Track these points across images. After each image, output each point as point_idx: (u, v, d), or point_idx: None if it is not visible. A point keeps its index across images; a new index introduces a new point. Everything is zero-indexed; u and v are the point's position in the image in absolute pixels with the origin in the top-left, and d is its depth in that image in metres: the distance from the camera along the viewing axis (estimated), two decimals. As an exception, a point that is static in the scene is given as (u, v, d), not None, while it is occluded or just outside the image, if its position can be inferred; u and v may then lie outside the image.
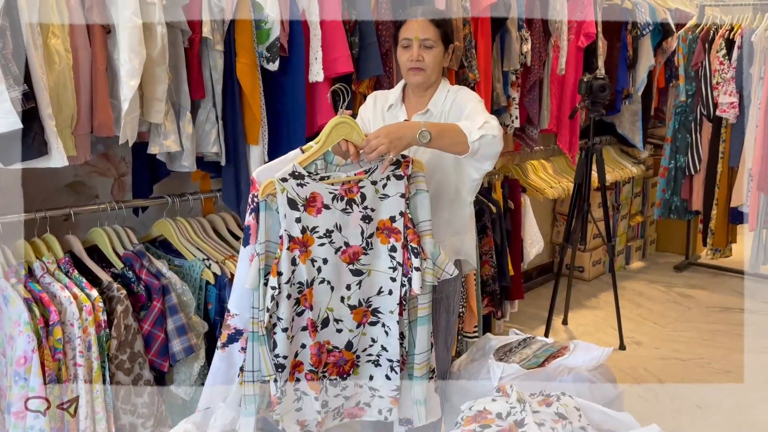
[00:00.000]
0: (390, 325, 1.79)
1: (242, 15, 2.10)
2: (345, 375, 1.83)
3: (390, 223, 1.76)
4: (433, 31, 1.89)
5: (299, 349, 1.78)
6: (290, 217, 1.69)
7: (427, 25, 1.89)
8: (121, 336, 1.96)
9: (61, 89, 1.78)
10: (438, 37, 1.90)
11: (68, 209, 2.07)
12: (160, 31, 1.90)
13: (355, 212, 1.74)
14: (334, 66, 2.31)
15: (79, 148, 1.89)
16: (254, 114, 2.20)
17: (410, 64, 1.90)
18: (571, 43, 3.51)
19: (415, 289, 1.75)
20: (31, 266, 1.95)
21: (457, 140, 1.74)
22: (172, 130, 2.03)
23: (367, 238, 1.76)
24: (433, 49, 1.90)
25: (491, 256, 3.22)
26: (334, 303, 1.77)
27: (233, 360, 1.84)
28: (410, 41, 1.90)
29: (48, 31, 1.74)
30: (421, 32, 1.88)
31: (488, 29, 2.94)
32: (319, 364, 1.78)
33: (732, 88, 4.06)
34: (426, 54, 1.89)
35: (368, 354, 1.84)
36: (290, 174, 1.70)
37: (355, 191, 1.74)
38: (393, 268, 1.77)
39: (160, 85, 1.94)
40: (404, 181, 1.76)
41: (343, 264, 1.76)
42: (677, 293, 4.32)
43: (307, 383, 1.79)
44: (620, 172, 4.33)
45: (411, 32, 1.89)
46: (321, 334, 1.78)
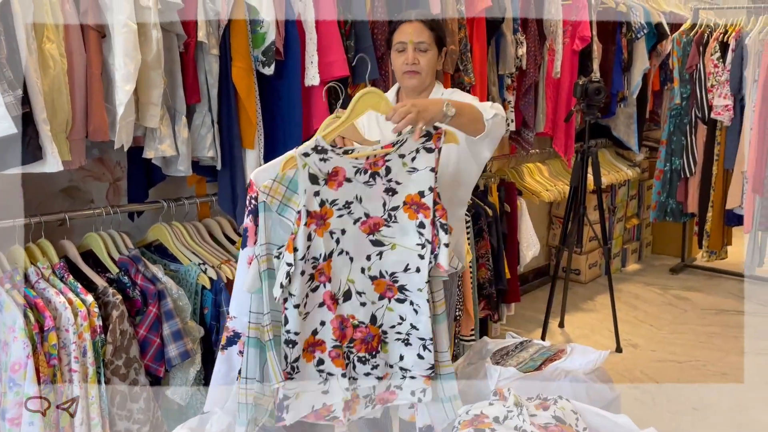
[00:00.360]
0: (419, 303, 1.74)
1: (238, 19, 2.10)
2: (374, 352, 1.77)
3: (419, 198, 1.71)
4: (427, 34, 1.89)
5: (318, 327, 1.73)
6: (309, 191, 1.64)
7: (422, 29, 1.89)
8: (117, 341, 1.95)
9: (56, 94, 1.77)
10: (432, 41, 1.91)
11: (63, 214, 2.06)
12: (156, 36, 1.89)
13: (378, 184, 1.69)
14: (330, 70, 2.30)
15: (74, 153, 1.88)
16: (250, 118, 2.20)
17: (405, 68, 1.91)
18: (567, 47, 3.52)
19: (443, 264, 1.70)
20: (26, 272, 1.94)
21: (476, 117, 1.74)
22: (168, 135, 2.02)
23: (389, 210, 1.72)
24: (427, 52, 1.90)
25: (488, 259, 3.22)
26: (355, 274, 1.73)
27: (232, 362, 1.83)
28: (405, 45, 1.90)
29: (43, 35, 1.74)
30: (415, 36, 1.88)
31: (483, 33, 2.94)
32: (344, 338, 1.74)
33: (726, 91, 4.07)
34: (421, 57, 1.89)
35: (397, 332, 1.78)
36: (312, 148, 1.64)
37: (380, 164, 1.69)
38: (422, 245, 1.71)
39: (155, 89, 1.94)
40: (435, 154, 1.69)
41: (362, 234, 1.71)
42: (673, 295, 4.33)
43: (332, 361, 1.74)
44: (616, 175, 4.34)
45: (405, 36, 1.89)
46: (343, 307, 1.73)
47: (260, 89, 2.22)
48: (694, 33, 4.21)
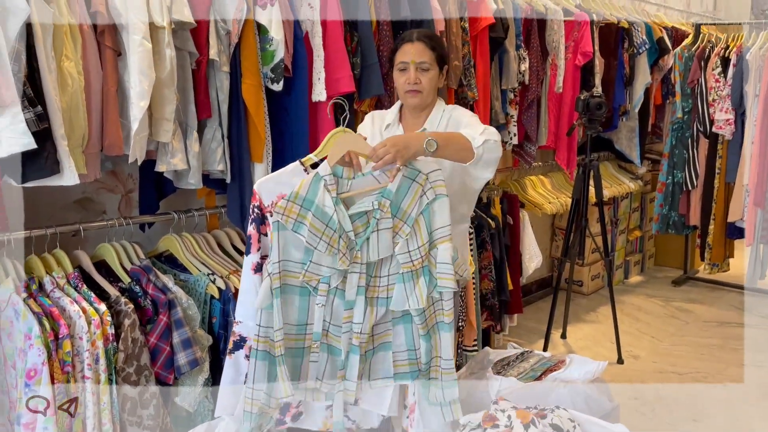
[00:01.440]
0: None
1: (248, 37, 2.17)
2: None
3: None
4: (428, 54, 1.96)
5: None
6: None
7: (423, 49, 1.96)
8: (128, 349, 2.01)
9: (74, 110, 1.84)
10: (433, 60, 1.97)
11: (77, 225, 2.13)
12: (169, 54, 1.97)
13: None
14: (337, 86, 2.37)
15: (89, 167, 1.96)
16: (259, 133, 2.26)
17: (407, 87, 1.97)
18: (569, 62, 3.58)
19: None
20: (41, 281, 2.01)
21: (463, 147, 1.79)
22: (180, 149, 2.09)
23: None
24: (429, 71, 1.97)
25: (490, 270, 3.27)
26: None
27: (240, 367, 1.89)
28: (407, 64, 1.96)
29: (61, 54, 1.81)
30: (417, 56, 1.95)
31: (487, 49, 3.01)
32: None
33: (728, 105, 4.13)
34: (422, 76, 1.96)
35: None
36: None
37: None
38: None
39: (168, 105, 2.01)
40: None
41: None
42: (675, 308, 4.36)
43: None
44: (618, 188, 4.38)
45: (407, 56, 1.96)
46: None
47: (269, 105, 2.29)
48: (696, 48, 4.27)
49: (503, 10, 3.05)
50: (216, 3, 2.10)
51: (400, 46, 2.00)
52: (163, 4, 1.94)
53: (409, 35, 2.01)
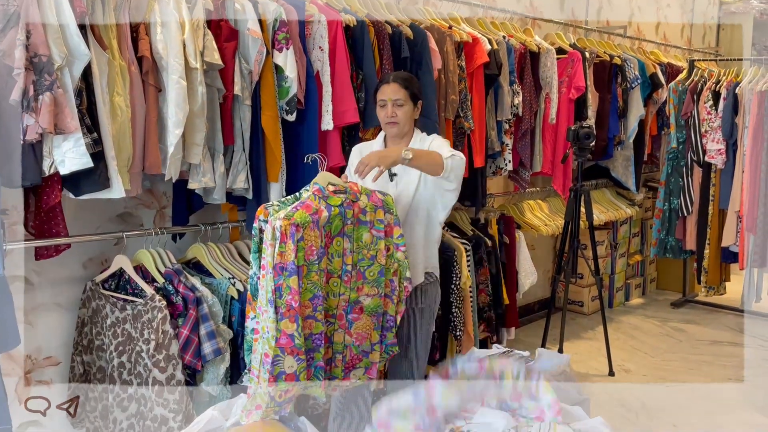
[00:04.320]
0: None
1: (266, 76, 2.54)
2: None
3: None
4: (402, 92, 2.34)
5: None
6: None
7: (398, 88, 2.34)
8: (159, 339, 2.35)
9: (122, 136, 2.22)
10: (407, 97, 2.35)
11: (121, 233, 2.50)
12: (201, 91, 2.35)
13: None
14: (344, 117, 2.74)
15: (132, 183, 2.33)
16: (275, 156, 2.62)
17: (386, 119, 2.36)
18: (563, 96, 3.90)
19: None
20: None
21: (433, 161, 2.20)
22: (209, 169, 2.46)
23: None
24: (403, 106, 2.35)
25: (487, 285, 3.56)
26: None
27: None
28: (385, 102, 2.36)
29: (114, 90, 2.20)
30: (392, 94, 2.34)
31: (482, 84, 3.35)
32: None
33: (719, 136, 4.39)
34: (398, 111, 2.34)
35: None
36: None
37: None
38: None
39: (199, 133, 2.38)
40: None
41: None
42: (671, 327, 4.57)
43: None
44: (615, 213, 4.65)
45: (385, 95, 2.36)
46: None
47: (284, 133, 2.65)
48: (690, 82, 4.56)
49: (497, 51, 3.40)
50: (240, 47, 2.49)
51: (379, 87, 2.39)
52: (197, 49, 2.33)
53: (386, 77, 2.40)
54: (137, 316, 2.40)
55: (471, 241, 3.45)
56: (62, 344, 2.59)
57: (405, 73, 2.52)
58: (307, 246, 2.07)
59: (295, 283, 2.03)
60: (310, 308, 2.11)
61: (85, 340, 2.53)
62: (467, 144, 3.31)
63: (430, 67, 3.00)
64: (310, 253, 2.08)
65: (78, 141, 2.04)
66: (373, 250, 2.21)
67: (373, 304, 2.24)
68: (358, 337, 2.23)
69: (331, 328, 2.21)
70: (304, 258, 2.07)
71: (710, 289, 4.60)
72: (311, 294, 2.11)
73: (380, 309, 2.26)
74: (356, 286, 2.21)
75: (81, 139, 2.05)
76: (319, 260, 2.10)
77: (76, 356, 2.53)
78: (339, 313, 2.21)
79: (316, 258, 2.08)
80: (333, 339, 2.22)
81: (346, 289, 2.20)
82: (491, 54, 3.34)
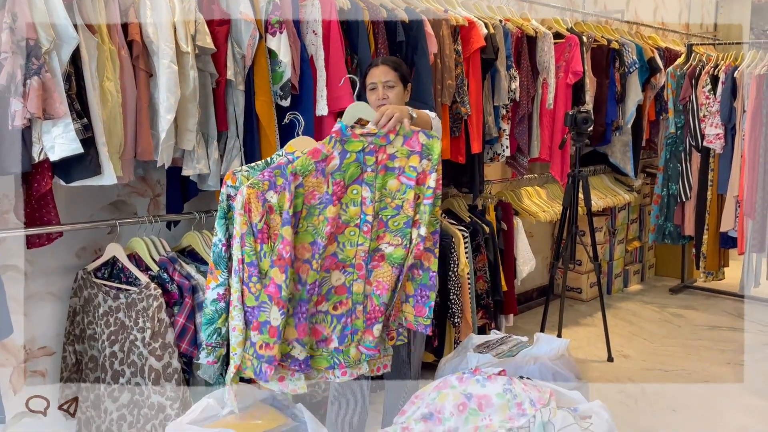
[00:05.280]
0: None
1: (260, 61, 2.51)
2: None
3: None
4: (392, 74, 2.32)
5: None
6: None
7: (387, 70, 2.32)
8: (155, 327, 2.33)
9: (112, 122, 2.19)
10: (397, 79, 2.33)
11: (114, 221, 2.47)
12: (192, 75, 2.31)
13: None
14: (339, 102, 2.70)
15: (124, 170, 2.30)
16: (270, 142, 2.59)
17: (377, 102, 2.33)
18: (560, 81, 3.87)
19: None
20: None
21: (426, 122, 2.23)
22: (203, 156, 2.43)
23: None
24: (394, 88, 2.33)
25: (485, 272, 3.54)
26: None
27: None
28: (375, 84, 2.34)
29: (103, 75, 2.16)
30: (383, 77, 2.32)
31: (479, 69, 3.32)
32: None
33: (717, 121, 4.36)
34: (389, 93, 2.32)
35: None
36: None
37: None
38: None
39: (191, 118, 2.35)
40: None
41: None
42: (670, 313, 4.56)
43: None
44: (613, 199, 4.62)
45: (375, 77, 2.34)
46: None
47: (278, 118, 2.62)
48: (688, 67, 4.53)
49: (494, 35, 3.36)
50: (233, 31, 2.45)
51: (369, 70, 2.37)
52: (188, 33, 2.29)
53: (375, 61, 2.38)
54: (131, 305, 2.37)
55: (469, 227, 3.43)
56: (56, 334, 2.56)
57: (393, 57, 2.50)
58: (308, 192, 1.98)
59: (288, 233, 1.95)
60: (309, 253, 2.02)
61: (77, 329, 2.50)
62: (464, 130, 3.28)
63: (426, 51, 2.96)
64: (311, 197, 1.99)
65: (67, 126, 2.01)
66: (399, 200, 2.07)
67: (396, 253, 2.09)
68: (378, 286, 2.09)
69: (350, 278, 2.09)
70: (304, 202, 1.98)
71: (709, 274, 4.59)
72: (312, 238, 2.02)
73: (402, 260, 2.10)
74: (377, 235, 2.09)
75: (70, 124, 2.01)
76: (325, 206, 2.01)
77: (68, 346, 2.51)
78: (358, 263, 2.09)
79: (318, 202, 2.00)
80: (352, 289, 2.10)
81: (365, 239, 2.07)
82: (488, 38, 3.30)
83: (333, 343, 2.09)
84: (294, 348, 2.04)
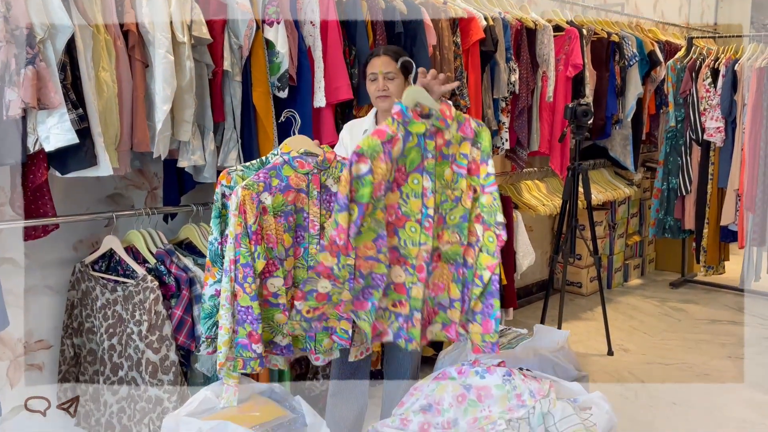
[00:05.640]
0: None
1: (257, 52, 2.49)
2: None
3: None
4: (393, 65, 2.27)
5: None
6: None
7: (388, 61, 2.28)
8: (152, 319, 2.31)
9: (108, 112, 2.17)
10: (398, 70, 2.28)
11: (112, 213, 2.46)
12: (189, 66, 2.29)
13: None
14: (337, 93, 2.68)
15: (120, 161, 2.28)
16: (267, 134, 2.57)
17: (377, 93, 2.29)
18: (560, 73, 3.85)
19: None
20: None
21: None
22: (199, 147, 2.41)
23: None
24: (394, 80, 2.28)
25: (484, 265, 3.52)
26: None
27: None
28: (376, 75, 2.29)
29: (99, 65, 2.15)
30: (383, 67, 2.27)
31: (478, 61, 3.30)
32: None
33: (718, 114, 4.35)
34: (390, 84, 2.27)
35: None
36: None
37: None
38: None
39: (187, 109, 2.33)
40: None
41: None
42: (670, 307, 4.55)
43: None
44: (613, 193, 4.61)
45: (375, 68, 2.29)
46: None
47: (276, 110, 2.60)
48: (688, 60, 4.51)
49: (493, 27, 3.34)
50: (230, 22, 2.43)
51: (369, 60, 2.32)
52: (184, 23, 2.27)
53: (376, 50, 2.34)
54: (128, 298, 2.36)
55: (468, 220, 3.40)
56: (54, 328, 2.55)
57: (395, 46, 2.46)
58: (376, 182, 1.82)
59: (344, 219, 1.81)
60: (374, 250, 1.89)
61: (74, 322, 2.49)
62: (463, 122, 3.26)
63: (424, 42, 2.94)
64: (378, 188, 1.83)
65: (63, 116, 1.99)
66: (458, 191, 1.93)
67: (451, 251, 1.97)
68: (434, 288, 1.98)
69: (410, 279, 1.95)
70: (371, 195, 1.82)
71: (709, 268, 4.58)
72: (374, 234, 1.89)
73: (459, 258, 1.97)
74: (437, 232, 1.95)
75: (66, 114, 1.99)
76: (385, 194, 1.87)
77: (66, 339, 2.49)
78: (419, 265, 1.93)
79: (383, 193, 1.86)
80: (411, 293, 1.95)
81: (427, 237, 1.92)
82: (487, 30, 3.29)
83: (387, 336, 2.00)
84: (277, 335, 2.05)
